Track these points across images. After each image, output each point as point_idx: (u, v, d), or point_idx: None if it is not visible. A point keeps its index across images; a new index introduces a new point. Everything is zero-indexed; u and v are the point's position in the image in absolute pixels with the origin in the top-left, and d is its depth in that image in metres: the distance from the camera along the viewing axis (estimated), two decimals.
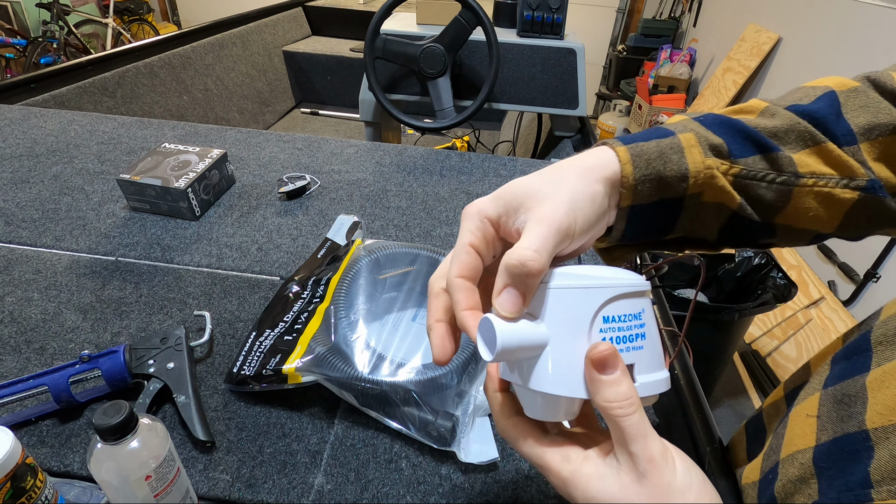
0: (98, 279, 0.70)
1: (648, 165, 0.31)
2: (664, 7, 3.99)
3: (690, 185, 0.32)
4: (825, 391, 0.35)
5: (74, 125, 1.13)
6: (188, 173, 0.83)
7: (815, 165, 0.33)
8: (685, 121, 0.35)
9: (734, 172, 0.33)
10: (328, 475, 0.49)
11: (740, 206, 0.33)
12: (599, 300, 0.27)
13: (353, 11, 2.64)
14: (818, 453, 0.33)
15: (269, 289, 0.71)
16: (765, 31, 2.59)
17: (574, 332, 0.28)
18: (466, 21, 1.16)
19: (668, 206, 0.33)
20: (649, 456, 0.26)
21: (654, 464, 0.26)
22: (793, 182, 0.33)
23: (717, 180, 0.32)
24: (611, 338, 0.27)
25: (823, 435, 0.33)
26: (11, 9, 3.70)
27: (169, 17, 5.06)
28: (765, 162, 0.33)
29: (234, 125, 1.84)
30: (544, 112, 1.41)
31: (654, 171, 0.31)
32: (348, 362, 0.52)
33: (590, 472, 0.27)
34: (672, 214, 0.33)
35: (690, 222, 0.34)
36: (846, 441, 0.31)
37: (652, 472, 0.25)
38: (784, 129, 0.34)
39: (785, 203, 0.33)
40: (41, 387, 0.50)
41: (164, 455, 0.39)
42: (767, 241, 0.36)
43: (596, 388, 0.26)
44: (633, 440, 0.26)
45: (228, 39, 2.08)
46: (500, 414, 0.31)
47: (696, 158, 0.32)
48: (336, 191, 0.95)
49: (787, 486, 0.35)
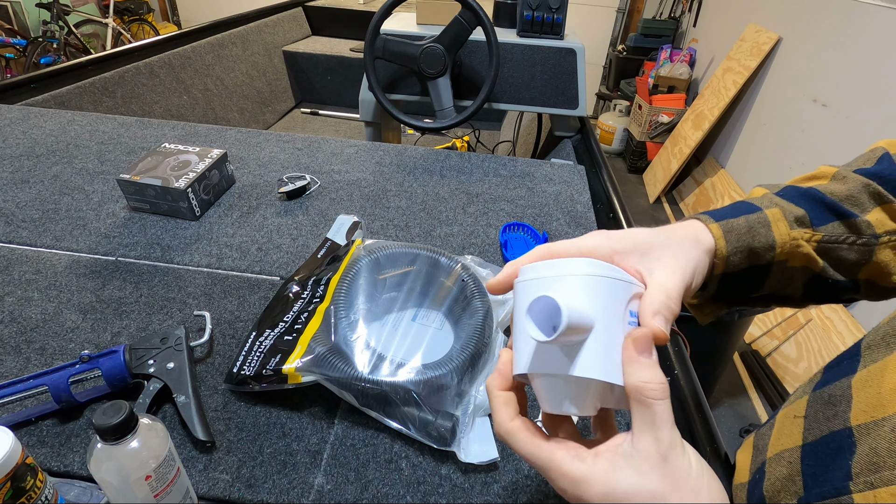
0: (98, 279, 0.70)
1: (739, 239, 0.36)
2: (664, 7, 3.99)
3: (777, 254, 0.37)
4: (813, 394, 0.37)
5: (74, 125, 1.13)
6: (188, 173, 0.83)
7: (888, 223, 0.37)
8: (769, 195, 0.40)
9: (817, 239, 0.37)
10: (328, 475, 0.49)
11: (823, 269, 0.38)
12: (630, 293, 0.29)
13: (353, 11, 2.64)
14: (805, 452, 0.34)
15: (269, 289, 0.71)
16: (765, 31, 2.59)
17: (614, 320, 0.28)
18: (466, 21, 1.16)
19: (756, 272, 0.37)
20: (672, 441, 0.26)
21: (676, 449, 0.26)
22: (872, 243, 0.37)
23: (801, 248, 0.37)
24: None
25: (810, 434, 0.34)
26: (11, 9, 3.69)
27: (169, 17, 5.06)
28: (843, 227, 0.37)
29: (234, 125, 1.84)
30: (544, 112, 1.41)
31: (744, 244, 0.36)
32: (348, 362, 0.52)
33: (604, 467, 0.27)
34: (760, 278, 0.38)
35: (777, 283, 0.39)
36: (832, 439, 0.32)
37: (673, 457, 0.26)
38: (857, 191, 0.38)
39: (867, 261, 0.37)
40: (41, 387, 0.50)
41: (164, 455, 0.39)
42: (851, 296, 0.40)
43: (634, 370, 0.27)
44: (661, 424, 0.26)
45: (228, 39, 2.08)
46: (505, 415, 0.30)
47: (782, 231, 0.37)
48: (336, 191, 0.95)
49: (775, 485, 0.36)
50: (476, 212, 0.91)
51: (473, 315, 0.58)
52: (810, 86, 2.21)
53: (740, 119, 2.76)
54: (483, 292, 0.61)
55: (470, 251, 0.81)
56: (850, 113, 1.94)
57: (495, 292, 0.34)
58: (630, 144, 3.47)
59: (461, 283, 0.62)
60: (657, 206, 2.99)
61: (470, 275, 0.63)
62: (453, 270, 0.63)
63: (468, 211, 0.91)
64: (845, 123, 1.96)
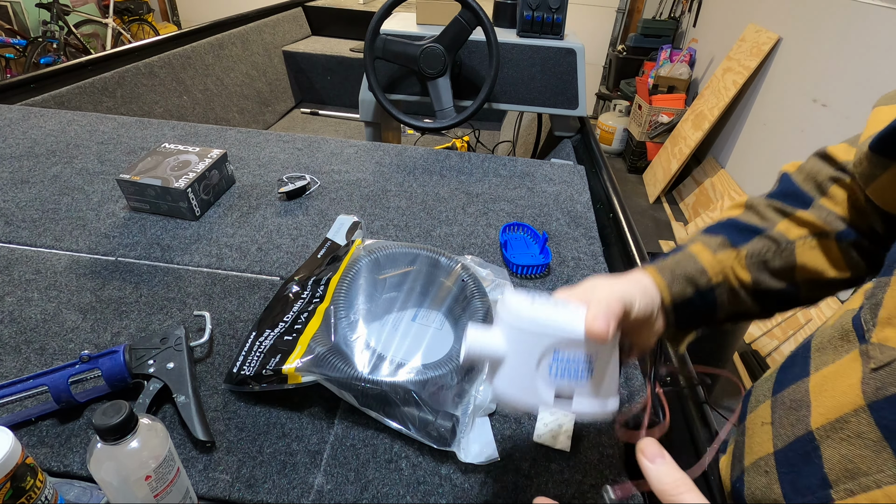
0: (98, 279, 0.70)
1: (672, 272, 0.43)
2: (664, 7, 3.99)
3: (713, 277, 0.42)
4: (774, 398, 0.39)
5: (74, 125, 1.13)
6: (188, 173, 0.83)
7: (796, 230, 0.42)
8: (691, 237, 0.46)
9: (743, 256, 0.43)
10: (328, 475, 0.49)
11: (757, 281, 0.42)
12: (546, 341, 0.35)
13: (353, 11, 2.64)
14: (778, 459, 0.36)
15: (269, 289, 0.71)
16: (765, 31, 2.59)
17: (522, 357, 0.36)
18: (466, 21, 1.16)
19: (704, 297, 0.43)
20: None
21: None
22: (790, 248, 0.42)
23: (732, 267, 0.43)
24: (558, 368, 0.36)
25: (779, 441, 0.36)
26: (11, 9, 3.69)
27: (169, 17, 5.06)
28: (761, 241, 0.43)
29: (234, 125, 1.84)
30: (544, 112, 1.41)
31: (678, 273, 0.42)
32: (348, 362, 0.51)
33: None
34: (711, 303, 0.43)
35: (729, 304, 0.43)
36: (798, 445, 0.34)
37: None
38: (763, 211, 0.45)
39: (793, 263, 0.42)
40: (41, 387, 0.50)
41: (164, 455, 0.39)
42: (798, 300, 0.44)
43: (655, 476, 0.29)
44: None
45: (228, 39, 2.08)
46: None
47: (707, 258, 0.43)
48: (336, 191, 0.95)
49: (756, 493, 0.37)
50: (476, 212, 0.91)
51: (473, 315, 0.58)
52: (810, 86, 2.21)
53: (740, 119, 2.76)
54: (483, 292, 0.61)
55: (470, 251, 0.81)
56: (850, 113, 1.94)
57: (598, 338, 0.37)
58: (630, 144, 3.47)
59: (461, 284, 0.62)
60: (657, 206, 2.99)
61: (470, 275, 0.63)
62: (453, 270, 0.63)
63: (468, 211, 0.91)
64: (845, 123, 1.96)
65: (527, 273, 0.76)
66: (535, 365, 0.36)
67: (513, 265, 0.76)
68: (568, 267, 0.79)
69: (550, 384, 0.36)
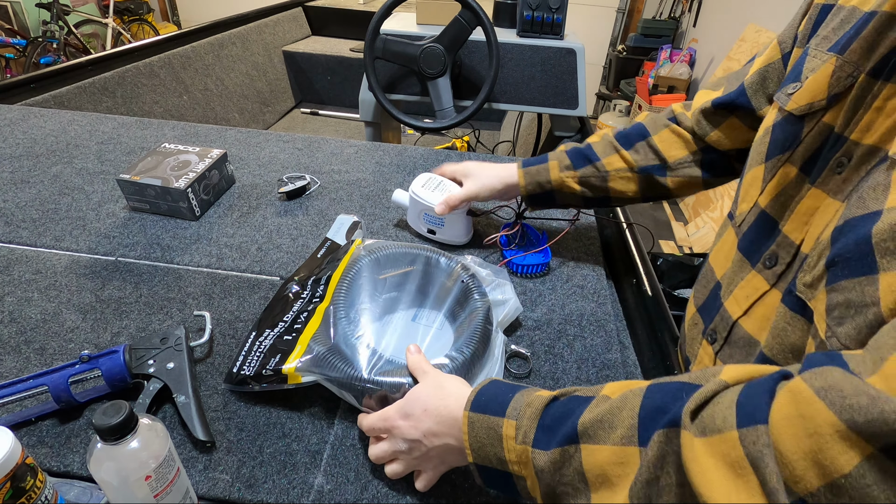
0: (98, 279, 0.70)
1: (532, 178, 0.71)
2: (664, 7, 3.99)
3: (554, 185, 0.70)
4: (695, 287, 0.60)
5: (74, 125, 1.13)
6: (188, 173, 0.83)
7: (617, 163, 0.68)
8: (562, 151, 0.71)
9: (577, 176, 0.69)
10: (328, 475, 0.49)
11: (583, 192, 0.70)
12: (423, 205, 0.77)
13: (353, 11, 2.64)
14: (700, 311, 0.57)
15: (269, 289, 0.71)
16: (765, 31, 2.59)
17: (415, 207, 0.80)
18: (466, 21, 1.16)
19: (546, 193, 0.72)
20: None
21: None
22: (606, 176, 0.68)
23: (567, 182, 0.70)
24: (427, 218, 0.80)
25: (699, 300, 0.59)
26: (11, 9, 3.69)
27: (169, 17, 5.06)
28: (592, 168, 0.69)
29: (234, 125, 1.84)
30: (544, 112, 1.41)
31: (533, 181, 0.71)
32: (348, 362, 0.51)
33: None
34: (549, 197, 0.72)
35: (562, 201, 0.73)
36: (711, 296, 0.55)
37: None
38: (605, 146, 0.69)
39: (607, 185, 0.69)
40: (41, 387, 0.50)
41: (164, 455, 0.39)
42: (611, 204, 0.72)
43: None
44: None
45: (228, 39, 2.08)
46: None
47: (555, 174, 0.70)
48: (336, 191, 0.95)
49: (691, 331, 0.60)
50: None
51: (473, 315, 0.58)
52: None
53: None
54: (483, 292, 0.61)
55: (470, 251, 0.81)
56: None
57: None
58: None
59: (461, 284, 0.62)
60: (657, 206, 2.99)
61: (470, 275, 0.63)
62: (453, 270, 0.63)
63: None
64: None
65: (527, 272, 0.76)
66: (417, 214, 0.80)
67: (513, 265, 0.76)
68: (568, 267, 0.79)
69: (425, 225, 0.80)
